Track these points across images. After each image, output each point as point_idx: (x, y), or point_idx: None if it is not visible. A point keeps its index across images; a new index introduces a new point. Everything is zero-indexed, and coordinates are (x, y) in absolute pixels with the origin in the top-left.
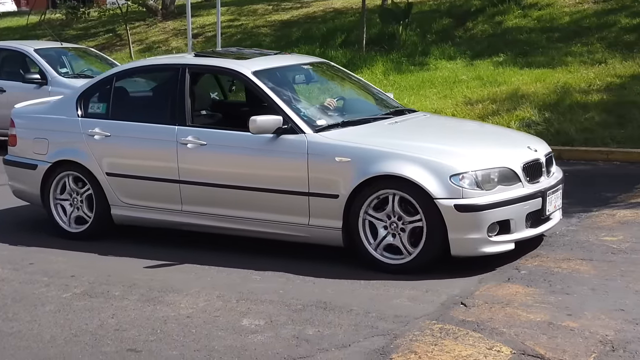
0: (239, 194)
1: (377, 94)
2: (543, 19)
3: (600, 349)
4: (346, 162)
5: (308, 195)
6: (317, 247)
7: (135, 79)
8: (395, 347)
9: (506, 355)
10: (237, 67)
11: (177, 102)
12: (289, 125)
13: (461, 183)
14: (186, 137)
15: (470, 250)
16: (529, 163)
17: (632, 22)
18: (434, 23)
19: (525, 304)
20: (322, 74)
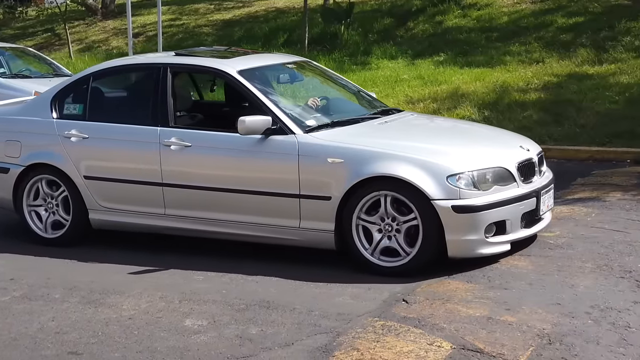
0: (225, 197)
1: (360, 93)
2: (482, 19)
3: (537, 342)
4: (339, 163)
5: (299, 198)
6: (260, 246)
7: (113, 78)
8: (338, 344)
9: (446, 350)
10: (221, 66)
11: (158, 102)
12: (277, 126)
13: (458, 183)
14: (169, 139)
15: (468, 251)
16: (522, 163)
17: (568, 22)
18: (376, 23)
19: (465, 299)
20: (305, 73)
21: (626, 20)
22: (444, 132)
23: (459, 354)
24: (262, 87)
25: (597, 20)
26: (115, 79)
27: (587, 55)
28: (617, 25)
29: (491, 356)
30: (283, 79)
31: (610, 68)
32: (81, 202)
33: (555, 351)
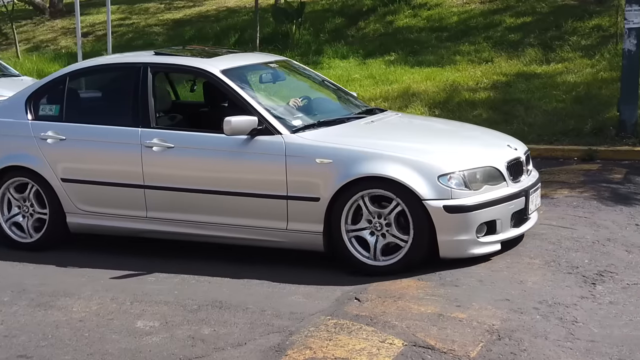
0: (210, 199)
1: (341, 93)
2: (432, 19)
3: (487, 338)
4: (327, 164)
5: (286, 199)
6: (211, 247)
7: (91, 78)
8: (290, 343)
9: (398, 347)
10: (204, 66)
11: (139, 102)
12: (263, 126)
13: (449, 183)
14: (151, 140)
15: (460, 252)
16: (511, 162)
17: (516, 22)
18: (327, 22)
19: (416, 297)
20: (286, 72)
21: (572, 20)
22: (432, 132)
23: (410, 351)
24: (246, 86)
25: (544, 20)
26: (92, 79)
27: (534, 55)
28: (564, 25)
29: (442, 352)
30: (265, 78)
31: (558, 67)
32: (58, 205)
33: (504, 346)
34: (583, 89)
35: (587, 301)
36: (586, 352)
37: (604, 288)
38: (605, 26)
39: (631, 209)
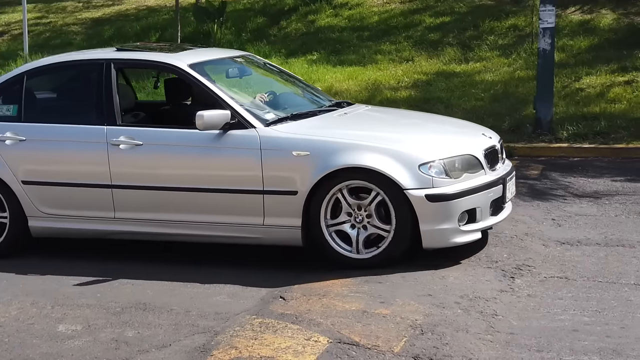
0: (182, 196)
1: (306, 87)
2: (353, 18)
3: (410, 333)
4: (305, 156)
5: (262, 194)
6: (134, 247)
7: (50, 76)
8: (216, 343)
9: (323, 344)
10: (171, 60)
11: (103, 100)
12: (236, 120)
13: (430, 172)
14: (118, 138)
15: (442, 241)
16: (488, 150)
17: (435, 22)
18: (249, 22)
19: (341, 294)
20: (252, 67)
21: (490, 20)
22: (406, 122)
23: (335, 348)
24: (216, 80)
25: (463, 20)
26: (52, 77)
27: (454, 54)
28: (482, 24)
29: (366, 348)
30: (232, 73)
31: (476, 66)
32: (19, 209)
33: (427, 341)
34: (500, 88)
35: (507, 295)
36: (506, 344)
37: (522, 281)
38: (521, 26)
39: (547, 204)
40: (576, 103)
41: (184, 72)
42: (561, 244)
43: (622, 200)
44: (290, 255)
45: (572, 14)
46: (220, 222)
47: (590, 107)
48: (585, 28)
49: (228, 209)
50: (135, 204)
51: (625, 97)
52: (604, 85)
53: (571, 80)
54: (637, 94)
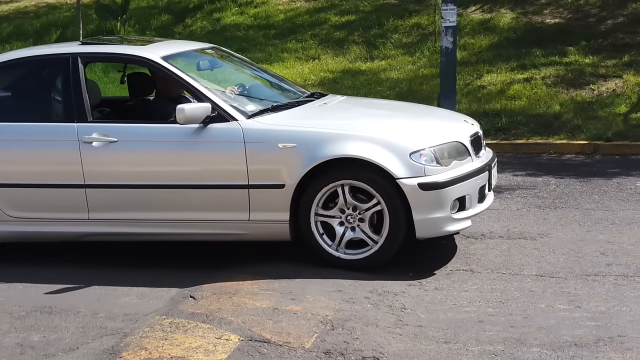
0: (162, 194)
1: (276, 79)
2: (259, 17)
3: (321, 328)
4: (291, 148)
5: (247, 188)
6: (37, 249)
7: (11, 73)
8: (125, 345)
9: (235, 343)
10: (142, 53)
11: (72, 96)
12: (216, 113)
13: (421, 160)
14: (90, 135)
15: (435, 230)
16: (473, 136)
17: (341, 20)
18: (153, 19)
19: (251, 292)
20: (221, 59)
21: (394, 18)
22: (389, 110)
23: (247, 346)
24: (190, 73)
25: (367, 18)
26: (13, 73)
27: (359, 52)
28: (386, 23)
29: (278, 345)
30: (203, 65)
31: (381, 64)
32: None
33: (337, 336)
34: (405, 85)
35: (414, 288)
36: (414, 336)
37: (429, 275)
38: (424, 24)
39: None
40: (478, 100)
41: (157, 65)
42: (466, 238)
43: (523, 195)
44: (200, 254)
45: (473, 13)
46: (203, 219)
47: (492, 104)
48: (485, 27)
49: (211, 205)
50: (111, 203)
51: (524, 94)
52: (504, 82)
53: (473, 77)
54: (536, 91)
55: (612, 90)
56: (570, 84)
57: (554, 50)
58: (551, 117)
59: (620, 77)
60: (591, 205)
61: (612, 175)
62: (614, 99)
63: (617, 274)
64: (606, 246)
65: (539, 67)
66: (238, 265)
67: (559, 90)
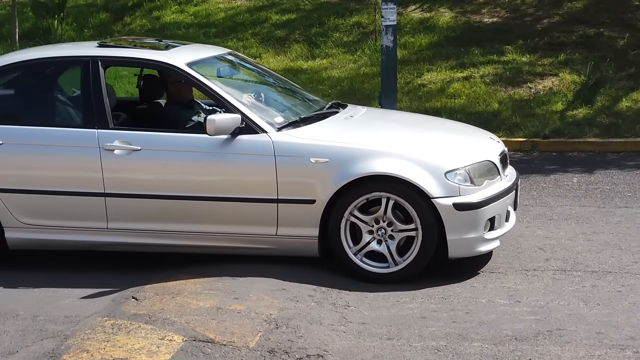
0: (185, 205)
1: (294, 87)
2: (199, 15)
3: (265, 327)
4: (323, 163)
5: (277, 202)
6: None
7: (25, 74)
8: (66, 347)
9: (178, 343)
10: (166, 59)
11: (93, 101)
12: (244, 124)
13: (456, 180)
14: (112, 142)
15: (468, 250)
16: (501, 155)
17: (282, 19)
18: (91, 17)
19: (195, 292)
20: (239, 65)
21: (335, 17)
22: (416, 126)
23: (190, 346)
24: (216, 81)
25: (308, 17)
26: (28, 75)
27: (300, 51)
28: (327, 22)
29: (222, 345)
30: (223, 72)
31: (323, 63)
32: None
33: (282, 334)
34: (347, 84)
35: (358, 285)
36: (358, 334)
37: None
38: (365, 23)
39: None
40: (419, 98)
41: (182, 72)
42: None
43: None
44: (142, 255)
45: (413, 12)
46: (228, 232)
47: (432, 102)
48: (425, 26)
49: (237, 219)
50: (132, 213)
51: (464, 92)
52: (444, 81)
53: (413, 76)
54: (475, 89)
55: (549, 88)
56: (508, 83)
57: (492, 49)
58: (490, 115)
59: (557, 75)
60: (529, 201)
61: (550, 172)
62: (550, 97)
63: (555, 269)
64: (544, 241)
65: (477, 65)
66: (181, 265)
67: (498, 89)
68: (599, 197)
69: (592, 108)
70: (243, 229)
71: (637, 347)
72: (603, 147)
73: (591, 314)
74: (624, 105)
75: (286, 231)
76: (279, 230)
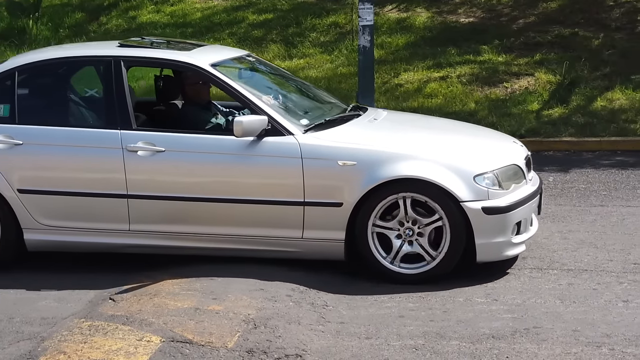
0: (210, 208)
1: (310, 88)
2: (176, 15)
3: (244, 327)
4: (351, 166)
5: (303, 205)
6: None
7: (47, 74)
8: (43, 349)
9: (156, 344)
10: (189, 59)
11: (115, 101)
12: (270, 126)
13: (485, 184)
14: (135, 143)
15: (496, 255)
16: (526, 158)
17: (258, 19)
18: (67, 17)
19: (172, 292)
20: (257, 67)
21: (312, 17)
22: (442, 129)
23: (168, 347)
24: (242, 82)
25: (285, 17)
26: (49, 75)
27: (277, 51)
28: (304, 22)
29: (200, 345)
30: (244, 73)
31: (300, 62)
32: (13, 220)
33: (260, 334)
34: (324, 84)
35: (337, 285)
36: (336, 333)
37: (350, 272)
38: (342, 23)
39: None
40: (396, 98)
41: (206, 73)
42: None
43: None
44: (119, 256)
45: (390, 12)
46: (252, 235)
47: (409, 102)
48: (402, 26)
49: (262, 222)
50: (155, 215)
51: (440, 92)
52: (421, 81)
53: (390, 76)
54: (452, 89)
55: (525, 88)
56: (485, 82)
57: (469, 49)
58: (467, 115)
59: (532, 75)
60: None
61: None
62: (526, 96)
63: (532, 267)
64: None
65: (454, 65)
66: (158, 266)
67: (474, 88)
68: (575, 196)
69: (568, 107)
70: (268, 232)
71: (612, 344)
72: (578, 146)
73: (567, 311)
74: (598, 105)
75: (312, 234)
76: (305, 233)
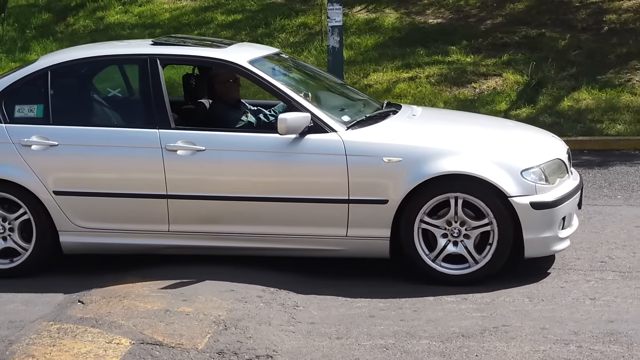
0: (253, 207)
1: (341, 85)
2: (144, 15)
3: (214, 328)
4: (397, 163)
5: (347, 203)
6: None
7: (80, 73)
8: (11, 353)
9: (126, 346)
10: (227, 56)
11: (153, 100)
12: (312, 124)
13: (533, 178)
14: (174, 143)
15: (544, 249)
16: (567, 152)
17: (227, 19)
18: (33, 18)
19: (142, 294)
20: (288, 64)
21: (281, 18)
22: (483, 125)
23: (138, 349)
24: (280, 79)
25: (254, 17)
26: (83, 74)
27: None
28: (273, 22)
29: (170, 347)
30: (278, 71)
31: None
32: (49, 223)
33: (231, 335)
34: None
35: (307, 285)
36: (307, 333)
37: (321, 272)
38: (311, 24)
39: None
40: None
41: (245, 70)
42: None
43: None
44: (87, 257)
45: (359, 13)
46: (296, 233)
47: None
48: (371, 27)
49: (306, 220)
50: (195, 215)
51: (410, 92)
52: (390, 81)
53: (360, 76)
54: (421, 89)
55: (493, 88)
56: (453, 83)
57: (437, 50)
58: None
59: (500, 75)
60: None
61: None
62: (494, 96)
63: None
64: None
65: (423, 66)
66: (127, 268)
67: (443, 89)
68: None
69: (535, 107)
70: (312, 231)
71: (580, 341)
72: None
73: (536, 310)
74: (565, 105)
75: (357, 232)
76: (349, 231)
